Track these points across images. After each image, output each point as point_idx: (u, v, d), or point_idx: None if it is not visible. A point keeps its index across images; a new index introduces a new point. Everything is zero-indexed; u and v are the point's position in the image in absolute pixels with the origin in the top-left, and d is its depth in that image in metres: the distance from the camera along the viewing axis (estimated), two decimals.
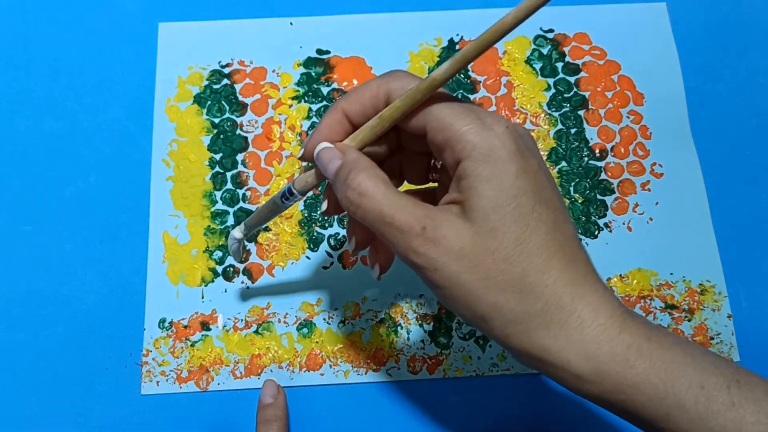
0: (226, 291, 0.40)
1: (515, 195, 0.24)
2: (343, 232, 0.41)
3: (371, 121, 0.27)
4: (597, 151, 0.43)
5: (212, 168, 0.42)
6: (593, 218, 0.42)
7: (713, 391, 0.23)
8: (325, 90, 0.44)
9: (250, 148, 0.43)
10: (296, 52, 0.45)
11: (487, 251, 0.24)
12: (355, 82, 0.44)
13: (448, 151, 0.25)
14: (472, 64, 0.45)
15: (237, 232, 0.34)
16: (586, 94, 0.44)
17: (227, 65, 0.45)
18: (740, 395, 0.23)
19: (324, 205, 0.30)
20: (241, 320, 0.39)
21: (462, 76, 0.44)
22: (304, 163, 0.30)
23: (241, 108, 0.44)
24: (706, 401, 0.23)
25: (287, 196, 0.30)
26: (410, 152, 0.30)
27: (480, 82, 0.44)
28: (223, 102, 0.44)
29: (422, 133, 0.26)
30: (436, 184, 0.31)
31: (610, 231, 0.41)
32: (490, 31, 0.24)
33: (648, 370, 0.24)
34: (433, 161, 0.31)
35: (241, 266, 0.40)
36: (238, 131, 0.43)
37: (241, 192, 0.42)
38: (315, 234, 0.41)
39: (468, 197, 0.24)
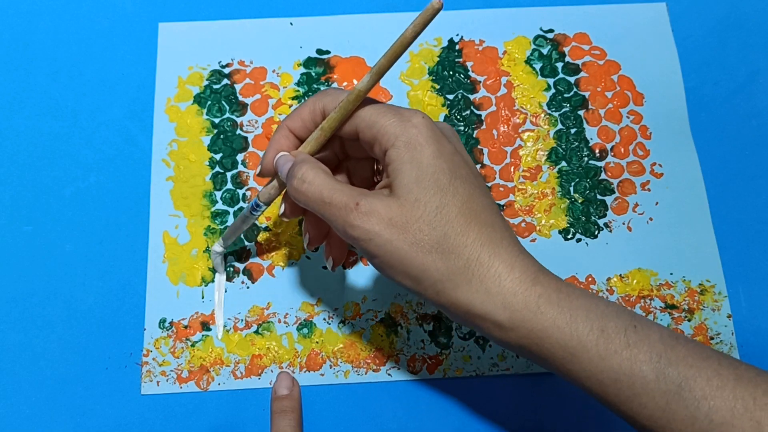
0: (226, 291, 0.40)
1: (433, 172, 0.28)
2: None
3: (314, 133, 0.31)
4: (597, 151, 0.43)
5: (212, 168, 0.42)
6: (593, 218, 0.42)
7: (612, 334, 0.27)
8: None
9: (251, 148, 0.43)
10: (296, 52, 0.45)
11: (412, 219, 0.28)
12: (355, 82, 0.44)
13: (377, 145, 0.29)
14: (472, 64, 0.45)
15: (217, 247, 0.38)
16: (586, 94, 0.44)
17: (227, 65, 0.45)
18: (636, 338, 0.27)
19: (281, 208, 0.34)
20: (241, 320, 0.39)
21: (462, 76, 0.44)
22: None
23: (241, 108, 0.44)
24: (605, 342, 0.26)
25: (254, 208, 0.34)
26: (355, 159, 0.34)
27: (480, 82, 0.44)
28: (223, 102, 0.44)
29: (355, 136, 0.31)
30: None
31: (610, 231, 0.41)
32: (396, 44, 0.29)
33: (556, 315, 0.27)
34: (376, 165, 0.35)
35: (242, 265, 0.40)
36: (238, 131, 0.43)
37: (241, 192, 0.42)
38: None
39: (394, 178, 0.29)
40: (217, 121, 0.43)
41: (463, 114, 0.44)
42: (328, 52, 0.45)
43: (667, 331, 0.28)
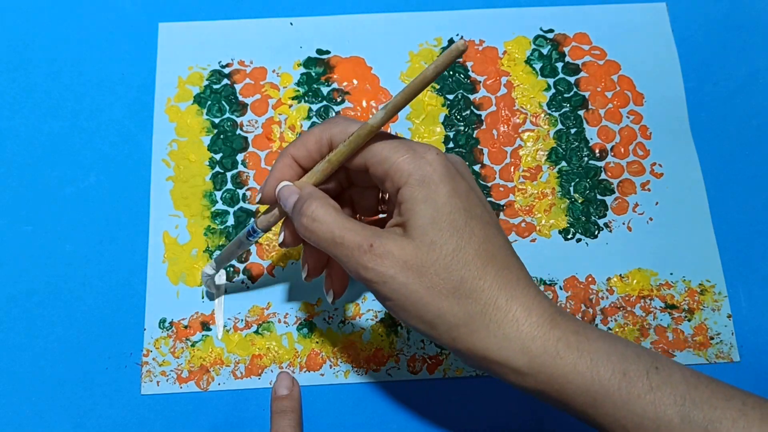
0: (226, 291, 0.40)
1: (449, 212, 0.27)
2: None
3: (321, 164, 0.30)
4: (597, 151, 0.43)
5: (212, 168, 0.42)
6: (593, 218, 0.42)
7: (634, 377, 0.26)
8: (325, 90, 0.44)
9: (250, 148, 0.43)
10: (296, 52, 0.45)
11: (428, 262, 0.27)
12: (355, 82, 0.44)
13: (388, 181, 0.28)
14: (472, 64, 0.45)
15: (208, 269, 0.37)
16: (586, 94, 0.44)
17: (227, 65, 0.45)
18: (658, 380, 0.26)
19: (281, 237, 0.32)
20: (241, 320, 0.39)
21: (462, 76, 0.44)
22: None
23: (241, 108, 0.44)
24: (627, 386, 0.26)
25: (251, 234, 0.33)
26: (359, 187, 0.33)
27: (480, 82, 0.44)
28: (223, 102, 0.44)
29: (364, 169, 0.30)
30: (385, 215, 0.34)
31: (610, 231, 0.41)
32: (415, 82, 0.27)
33: (575, 360, 0.26)
34: (381, 194, 0.34)
35: (242, 265, 0.40)
36: (238, 131, 0.43)
37: (241, 192, 0.42)
38: None
39: (408, 218, 0.27)
40: (217, 121, 0.43)
41: (463, 114, 0.44)
42: (328, 52, 0.45)
43: (689, 370, 0.27)
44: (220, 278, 0.40)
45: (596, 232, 0.41)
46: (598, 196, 0.42)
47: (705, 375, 0.27)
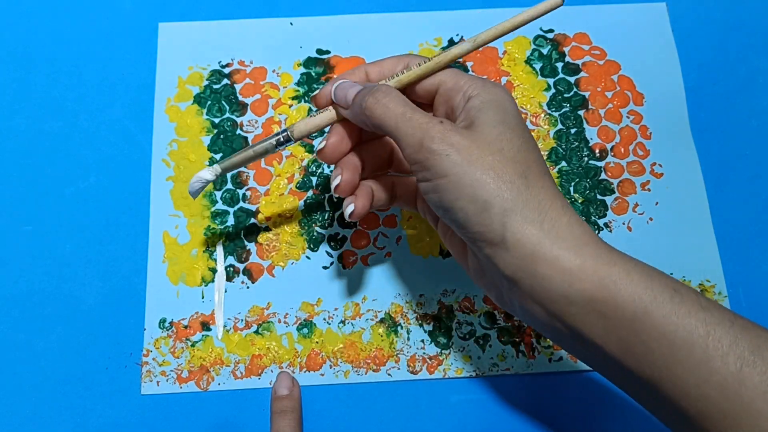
0: (226, 291, 0.40)
1: (517, 121, 0.28)
2: (343, 232, 0.41)
3: (402, 74, 0.31)
4: (597, 151, 0.43)
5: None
6: (593, 218, 0.42)
7: (685, 296, 0.25)
8: None
9: None
10: (296, 52, 0.45)
11: (495, 148, 0.27)
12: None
13: (460, 94, 0.29)
14: (472, 64, 0.45)
15: (209, 174, 0.33)
16: (586, 94, 0.44)
17: (227, 65, 0.45)
18: (708, 303, 0.25)
19: (323, 143, 0.32)
20: (241, 320, 0.39)
21: None
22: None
23: (241, 108, 0.44)
24: (680, 301, 0.25)
25: (282, 142, 0.32)
26: (370, 151, 0.34)
27: None
28: (223, 102, 0.44)
29: (433, 92, 0.31)
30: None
31: (610, 231, 0.41)
32: (505, 24, 0.30)
33: (630, 268, 0.26)
34: (392, 157, 0.35)
35: (242, 265, 0.40)
36: (238, 131, 0.43)
37: (241, 192, 0.42)
38: (315, 234, 0.41)
39: (477, 117, 0.28)
40: (217, 121, 0.43)
41: None
42: (328, 52, 0.45)
43: (734, 313, 0.26)
44: (220, 278, 0.40)
45: (596, 232, 0.41)
46: (598, 196, 0.42)
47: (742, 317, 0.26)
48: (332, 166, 0.42)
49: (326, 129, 0.34)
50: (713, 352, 0.24)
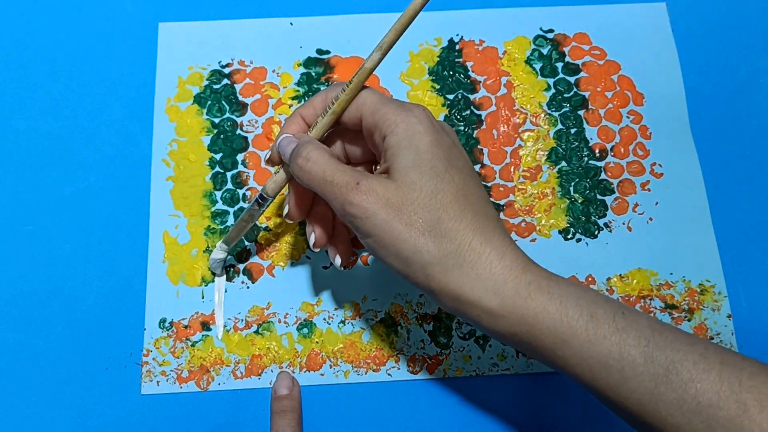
0: (226, 291, 0.40)
1: (430, 158, 0.29)
2: None
3: (324, 117, 0.32)
4: (597, 151, 0.43)
5: (212, 168, 0.42)
6: (593, 218, 0.42)
7: (601, 320, 0.27)
8: None
9: (251, 148, 0.43)
10: (296, 52, 0.45)
11: (408, 201, 0.28)
12: None
13: (377, 131, 0.30)
14: (472, 64, 0.45)
15: (219, 253, 0.38)
16: (586, 94, 0.44)
17: (227, 65, 0.45)
18: (624, 323, 0.27)
19: (285, 209, 0.34)
20: (242, 320, 0.39)
21: (462, 76, 0.44)
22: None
23: (241, 108, 0.44)
24: (595, 328, 0.27)
25: (260, 202, 0.35)
26: (355, 164, 0.35)
27: (480, 82, 0.44)
28: (223, 102, 0.44)
29: (359, 122, 0.32)
30: None
31: (610, 231, 0.41)
32: (404, 15, 0.30)
33: (546, 302, 0.27)
34: (374, 168, 0.35)
35: (242, 265, 0.40)
36: (239, 131, 0.43)
37: (241, 192, 0.42)
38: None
39: (392, 162, 0.29)
40: (217, 121, 0.43)
41: (463, 114, 0.44)
42: (328, 52, 0.45)
43: (655, 319, 0.28)
44: (220, 279, 0.40)
45: (596, 232, 0.41)
46: (598, 196, 0.42)
47: (670, 324, 0.28)
48: None
49: None
50: (629, 373, 0.26)
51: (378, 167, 0.32)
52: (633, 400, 0.26)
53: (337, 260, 0.35)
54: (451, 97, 0.44)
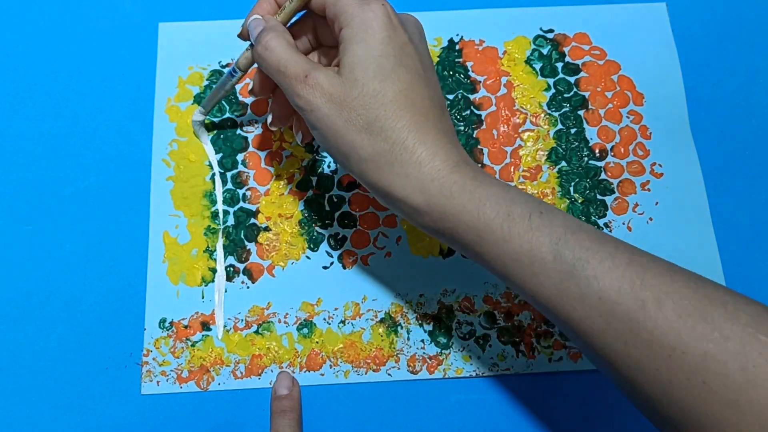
0: (226, 291, 0.40)
1: (378, 56, 0.29)
2: (343, 232, 0.41)
3: (290, 3, 0.33)
4: (597, 151, 0.43)
5: (212, 168, 0.42)
6: (593, 218, 0.42)
7: (517, 218, 0.28)
8: None
9: (250, 148, 0.43)
10: None
11: (349, 98, 0.29)
12: None
13: (336, 23, 0.31)
14: (472, 64, 0.45)
15: (197, 115, 0.40)
16: (586, 94, 0.44)
17: (227, 65, 0.45)
18: (539, 222, 0.28)
19: (251, 84, 0.36)
20: (242, 320, 0.39)
21: (462, 76, 0.44)
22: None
23: (241, 108, 0.44)
24: (509, 226, 0.28)
25: (232, 74, 0.37)
26: (326, 47, 0.36)
27: (480, 82, 0.44)
28: (223, 102, 0.44)
29: (323, 10, 0.32)
30: None
31: (610, 231, 0.41)
32: None
33: (466, 201, 0.28)
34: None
35: (242, 265, 0.40)
36: (238, 131, 0.43)
37: (241, 192, 0.42)
38: (315, 234, 0.41)
39: (342, 56, 0.30)
40: (217, 121, 0.43)
41: (463, 114, 0.44)
42: None
43: (574, 218, 0.29)
44: (220, 279, 0.40)
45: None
46: (598, 196, 0.42)
47: (590, 225, 0.29)
48: (331, 166, 0.42)
49: None
50: (538, 270, 0.27)
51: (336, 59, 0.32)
52: (542, 294, 0.28)
53: (299, 136, 0.36)
54: (451, 97, 0.44)
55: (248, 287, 0.40)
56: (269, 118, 0.36)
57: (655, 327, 0.25)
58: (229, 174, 0.42)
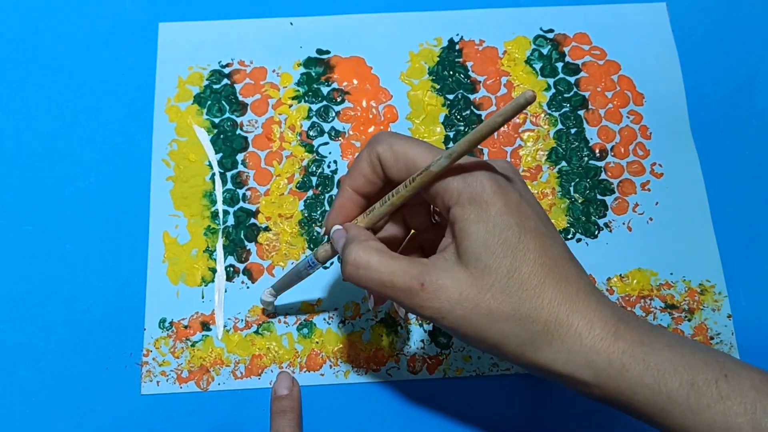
0: (226, 291, 0.40)
1: (501, 231, 0.27)
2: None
3: (378, 207, 0.30)
4: (597, 151, 0.43)
5: (212, 168, 0.42)
6: (593, 218, 0.42)
7: (702, 387, 0.25)
8: (325, 90, 0.44)
9: (250, 148, 0.43)
10: (296, 52, 0.45)
11: (484, 288, 0.27)
12: (355, 82, 0.44)
13: (439, 200, 0.28)
14: (472, 64, 0.45)
15: (268, 296, 0.37)
16: (586, 94, 0.44)
17: (227, 65, 0.45)
18: (728, 389, 0.25)
19: (370, 302, 0.32)
20: (242, 320, 0.39)
21: (462, 76, 0.44)
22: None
23: (241, 108, 0.44)
24: (696, 396, 0.25)
25: (310, 266, 0.34)
26: (410, 205, 0.32)
27: (480, 82, 0.44)
28: (223, 102, 0.44)
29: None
30: (438, 221, 0.33)
31: (610, 231, 0.41)
32: (482, 129, 0.26)
33: (642, 372, 0.26)
34: (432, 207, 0.33)
35: (242, 265, 0.40)
36: (238, 131, 0.43)
37: (241, 192, 0.42)
38: (315, 234, 0.41)
39: (460, 240, 0.27)
40: (217, 121, 0.43)
41: (463, 114, 0.44)
42: (328, 52, 0.45)
43: (759, 376, 0.26)
44: (220, 279, 0.40)
45: (596, 232, 0.41)
46: (598, 196, 0.42)
47: None
48: (331, 166, 0.42)
49: None
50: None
51: (445, 236, 0.29)
52: None
53: (370, 303, 0.33)
54: (451, 97, 0.44)
55: (248, 287, 0.40)
56: (370, 303, 0.32)
57: None
58: (229, 174, 0.42)
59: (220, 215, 0.41)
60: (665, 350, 0.26)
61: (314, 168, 0.42)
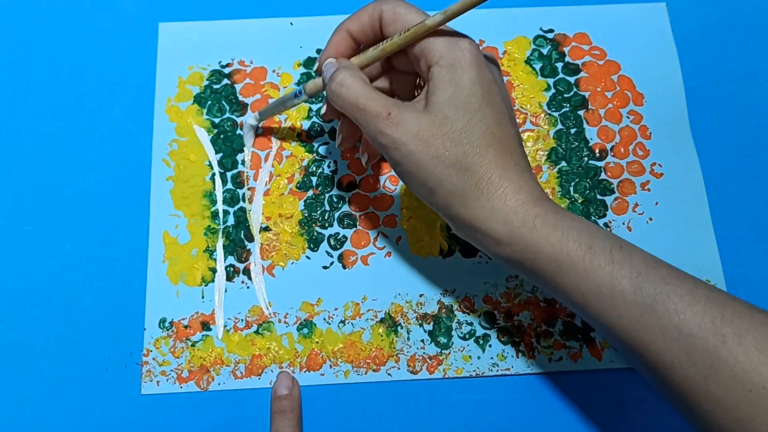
0: (226, 291, 0.40)
1: (467, 95, 0.30)
2: (343, 232, 0.41)
3: (372, 50, 0.33)
4: (597, 151, 0.43)
5: (212, 168, 0.42)
6: (593, 218, 0.42)
7: (598, 251, 0.29)
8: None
9: (251, 148, 0.43)
10: (296, 52, 0.45)
11: (438, 135, 0.30)
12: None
13: (423, 60, 0.31)
14: None
15: (252, 120, 0.41)
16: (586, 94, 0.44)
17: (227, 65, 0.45)
18: (620, 257, 0.28)
19: (323, 109, 0.36)
20: (242, 320, 0.39)
21: None
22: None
23: (242, 108, 0.44)
24: (591, 258, 0.29)
25: (297, 95, 0.37)
26: (399, 72, 0.36)
27: None
28: (224, 102, 0.44)
29: (405, 48, 0.32)
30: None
31: (610, 231, 0.41)
32: None
33: (549, 233, 0.29)
34: (418, 80, 0.36)
35: (242, 265, 0.40)
36: (238, 131, 0.43)
37: (241, 192, 0.42)
38: (315, 234, 0.41)
39: (431, 94, 0.31)
40: (217, 121, 0.43)
41: None
42: None
43: (652, 255, 0.29)
44: (220, 279, 0.40)
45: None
46: (598, 196, 0.42)
47: (666, 262, 0.29)
48: (331, 166, 0.42)
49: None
50: (618, 302, 0.28)
51: (419, 91, 0.32)
52: (620, 326, 0.28)
53: (365, 158, 0.38)
54: None
55: (248, 287, 0.40)
56: (338, 140, 0.37)
57: (736, 362, 0.25)
58: (229, 174, 0.42)
59: (220, 215, 0.41)
60: (573, 220, 0.30)
61: (314, 168, 0.42)
